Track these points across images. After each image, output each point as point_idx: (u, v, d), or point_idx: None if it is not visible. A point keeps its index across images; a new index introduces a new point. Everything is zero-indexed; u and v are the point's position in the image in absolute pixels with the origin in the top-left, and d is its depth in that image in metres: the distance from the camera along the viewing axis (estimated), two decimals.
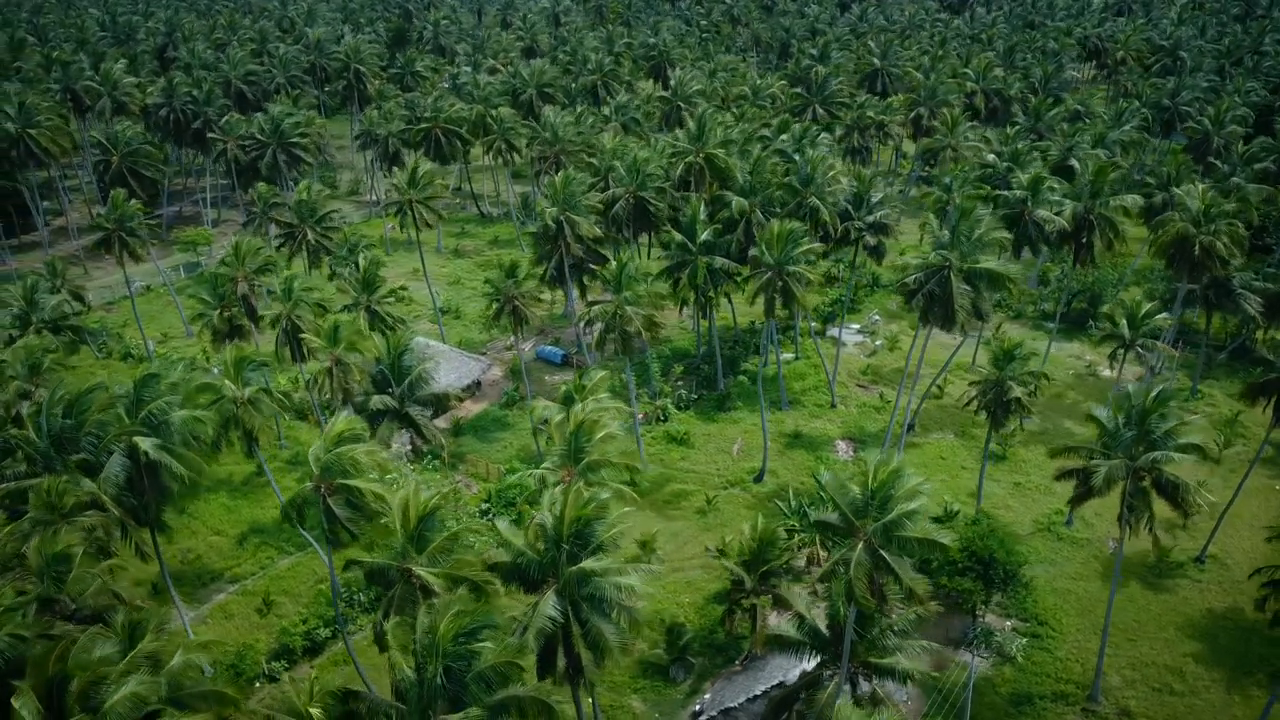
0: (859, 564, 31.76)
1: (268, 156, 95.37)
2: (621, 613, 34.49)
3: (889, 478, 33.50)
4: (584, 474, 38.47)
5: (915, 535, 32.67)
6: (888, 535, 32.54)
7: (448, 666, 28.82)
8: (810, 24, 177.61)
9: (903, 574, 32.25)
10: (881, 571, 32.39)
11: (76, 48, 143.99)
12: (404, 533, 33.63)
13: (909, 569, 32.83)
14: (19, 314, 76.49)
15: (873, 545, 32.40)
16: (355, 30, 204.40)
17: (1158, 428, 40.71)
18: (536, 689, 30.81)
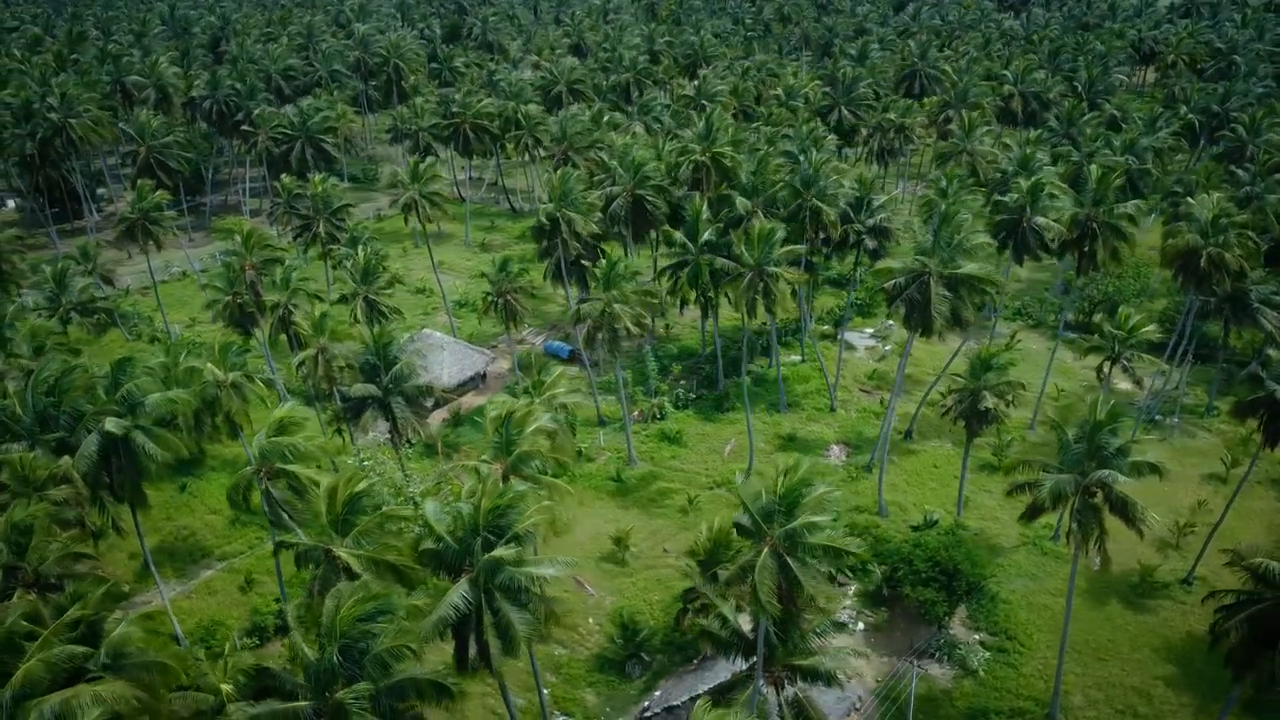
0: (764, 569, 31.70)
1: (296, 149, 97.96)
2: (539, 603, 34.97)
3: (797, 485, 33.35)
4: (515, 466, 38.99)
5: (821, 543, 32.47)
6: (794, 542, 32.40)
7: (345, 647, 29.63)
8: (859, 23, 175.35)
9: (805, 581, 32.04)
10: (788, 578, 32.25)
11: (135, 40, 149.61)
12: (329, 515, 34.59)
13: (815, 576, 32.61)
14: (49, 296, 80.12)
15: (779, 551, 32.29)
16: (409, 26, 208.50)
17: (1108, 444, 39.68)
18: (435, 672, 31.54)
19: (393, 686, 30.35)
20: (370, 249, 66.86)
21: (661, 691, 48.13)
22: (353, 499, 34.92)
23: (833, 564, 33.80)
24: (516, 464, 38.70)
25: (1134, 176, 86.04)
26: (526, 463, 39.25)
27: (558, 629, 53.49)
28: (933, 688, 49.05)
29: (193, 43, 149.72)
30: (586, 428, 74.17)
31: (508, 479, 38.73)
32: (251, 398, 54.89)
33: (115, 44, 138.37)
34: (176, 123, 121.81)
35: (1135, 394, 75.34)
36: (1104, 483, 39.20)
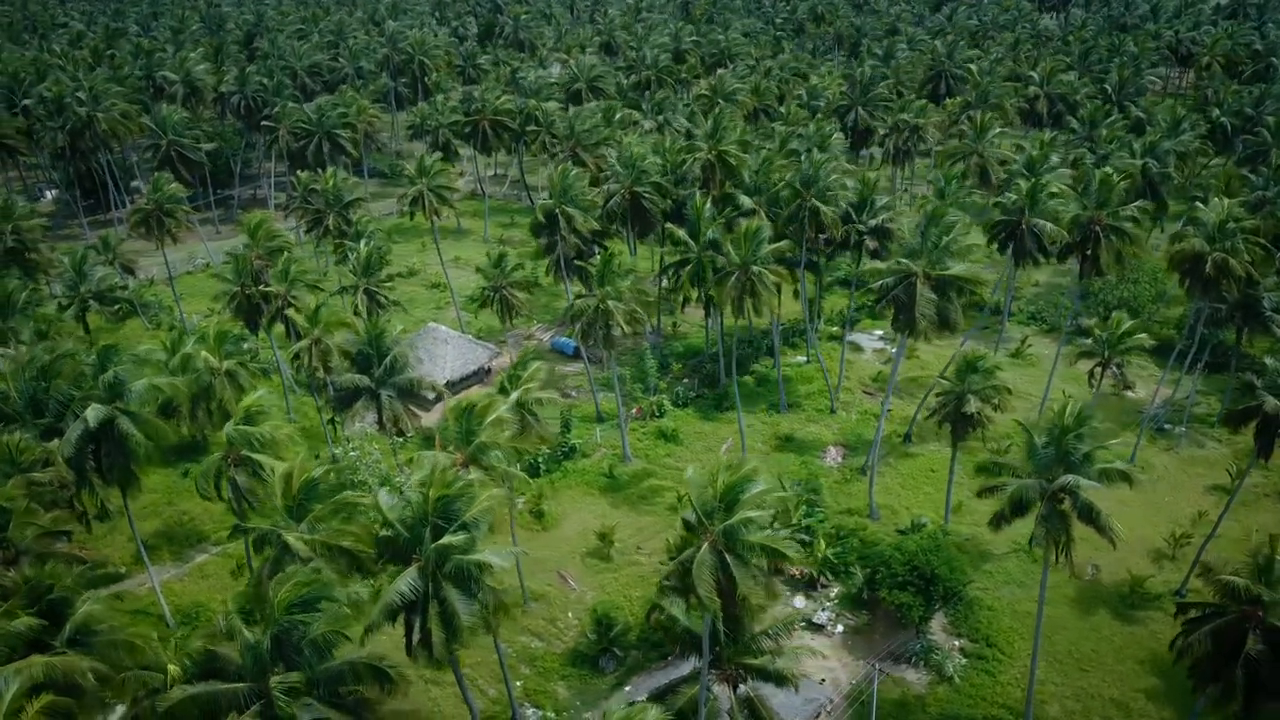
0: (701, 565, 31.64)
1: (313, 144, 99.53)
2: (488, 594, 35.26)
3: (737, 482, 33.25)
4: (474, 455, 39.28)
5: (758, 541, 32.32)
6: (732, 539, 32.30)
7: (282, 632, 30.15)
8: (891, 23, 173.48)
9: (741, 579, 31.90)
10: (727, 575, 32.13)
11: (172, 36, 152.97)
12: (284, 500, 35.17)
13: (754, 574, 32.46)
14: (69, 284, 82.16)
15: (717, 547, 32.21)
16: (444, 24, 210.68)
17: (1075, 449, 38.98)
18: (372, 656, 31.95)
19: (330, 671, 30.77)
20: (372, 243, 67.58)
21: (631, 687, 48.23)
22: (308, 485, 35.46)
23: (772, 563, 33.54)
24: (475, 454, 39.00)
25: (1154, 180, 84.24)
26: (485, 453, 39.52)
27: (536, 621, 54.63)
28: (906, 693, 48.53)
29: (227, 39, 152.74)
30: (586, 424, 74.56)
31: (468, 468, 39.02)
32: (250, 386, 55.85)
33: (152, 39, 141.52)
34: (206, 117, 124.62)
35: (1143, 401, 73.94)
36: (1070, 488, 38.46)
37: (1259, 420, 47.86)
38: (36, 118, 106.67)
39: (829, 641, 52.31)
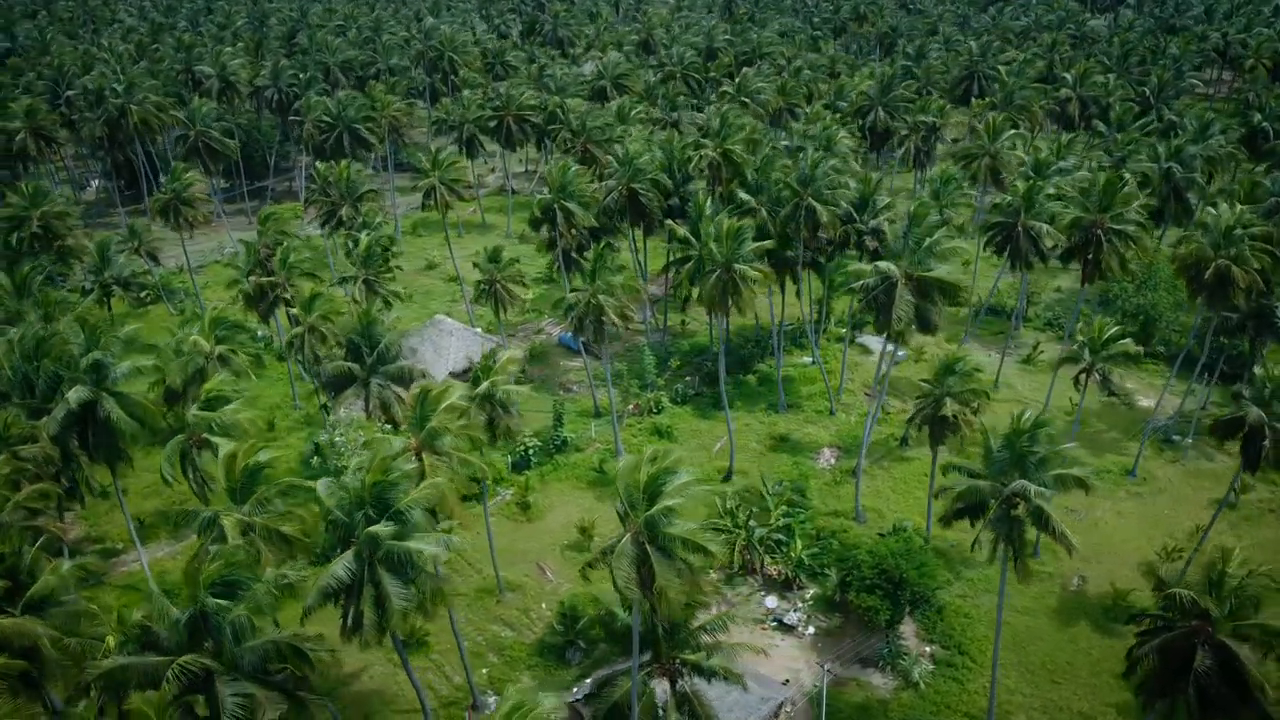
0: (620, 555, 31.70)
1: (333, 138, 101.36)
2: (426, 580, 35.72)
3: (659, 473, 33.22)
4: (426, 441, 39.76)
5: (677, 534, 32.26)
6: (654, 530, 32.28)
7: (204, 611, 30.97)
8: (933, 23, 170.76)
9: (660, 571, 31.84)
10: (648, 567, 32.12)
11: (218, 31, 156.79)
12: (227, 483, 36.02)
13: (675, 567, 32.39)
14: (92, 269, 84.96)
15: (639, 539, 32.22)
16: (487, 22, 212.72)
17: (1030, 454, 38.18)
18: (295, 636, 32.60)
19: (254, 649, 31.47)
20: (373, 235, 68.69)
21: (592, 679, 48.29)
22: (253, 469, 36.26)
23: (696, 557, 33.41)
24: (428, 440, 39.50)
25: (1179, 185, 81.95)
26: (437, 439, 39.98)
27: (510, 611, 55.11)
28: (870, 697, 48.00)
29: (270, 34, 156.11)
30: (585, 418, 74.91)
31: (420, 455, 39.54)
32: (243, 371, 57.15)
33: (197, 35, 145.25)
34: (242, 110, 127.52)
35: (1151, 411, 71.92)
36: (1023, 493, 37.70)
37: (1245, 432, 46.31)
38: (78, 109, 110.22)
39: (799, 642, 51.96)
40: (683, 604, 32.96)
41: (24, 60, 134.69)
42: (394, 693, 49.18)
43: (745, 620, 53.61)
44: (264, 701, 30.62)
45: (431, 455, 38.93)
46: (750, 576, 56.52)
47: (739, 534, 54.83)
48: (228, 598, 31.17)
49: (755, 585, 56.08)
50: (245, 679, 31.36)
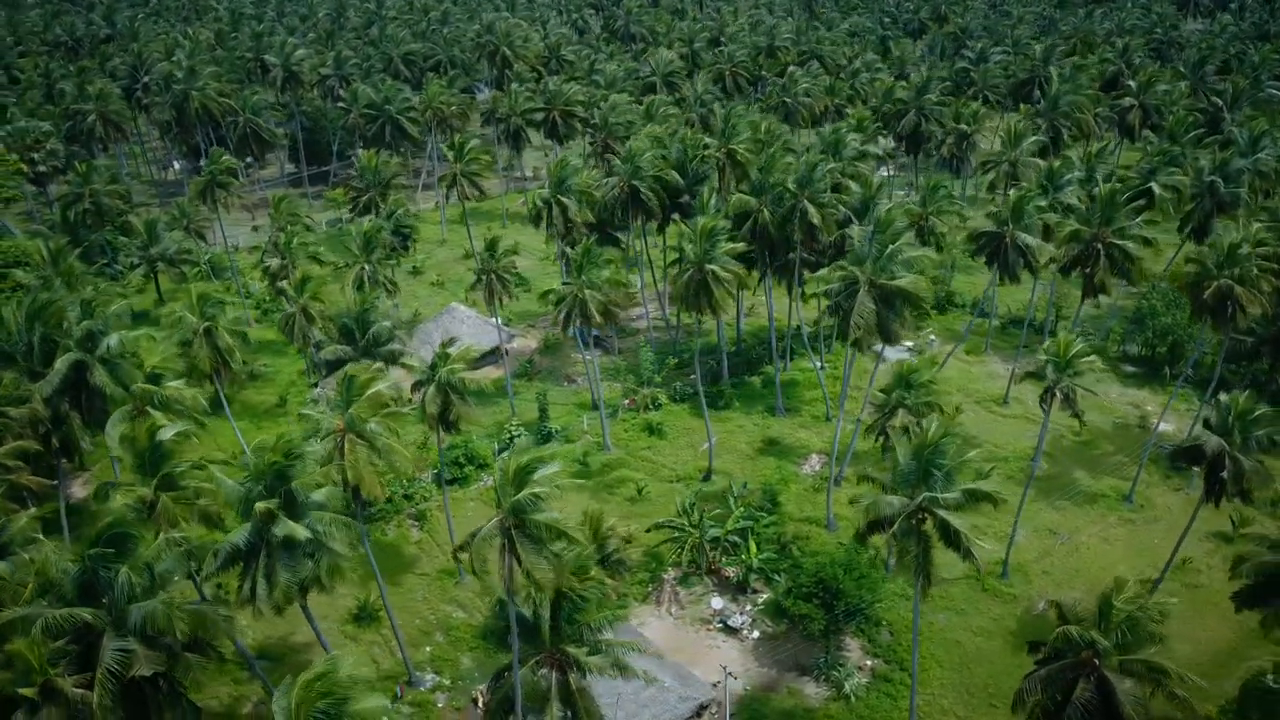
0: (486, 539, 32.45)
1: (377, 127, 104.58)
2: (325, 555, 37.17)
3: (529, 463, 33.74)
4: (350, 424, 41.04)
5: (542, 520, 32.80)
6: (520, 518, 32.87)
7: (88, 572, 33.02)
8: (1013, 24, 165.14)
9: (524, 557, 32.44)
10: (514, 553, 32.74)
11: (300, 22, 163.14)
12: (131, 457, 38.23)
13: (539, 553, 32.90)
14: (140, 246, 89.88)
15: (505, 524, 32.87)
16: (564, 16, 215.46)
17: (938, 467, 37.27)
18: (186, 602, 34.35)
19: (143, 611, 33.31)
20: (375, 223, 70.96)
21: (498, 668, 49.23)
22: (156, 445, 38.36)
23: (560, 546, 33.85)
24: (351, 423, 40.86)
25: (1224, 200, 77.80)
26: (359, 424, 41.24)
27: (466, 593, 56.41)
28: (799, 705, 47.55)
29: (345, 26, 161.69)
30: (584, 410, 75.74)
31: (344, 437, 40.94)
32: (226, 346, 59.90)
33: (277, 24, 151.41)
34: (307, 98, 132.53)
35: (1173, 436, 68.59)
36: (929, 507, 36.88)
37: (1208, 461, 44.10)
38: (151, 94, 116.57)
39: (741, 646, 51.74)
40: (553, 591, 33.44)
41: (115, 46, 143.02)
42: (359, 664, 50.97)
43: (692, 620, 53.79)
44: (141, 658, 32.38)
45: (355, 438, 40.24)
46: (708, 577, 56.49)
47: (691, 534, 54.78)
48: (116, 559, 33.05)
49: (710, 586, 56.03)
50: (132, 636, 33.21)
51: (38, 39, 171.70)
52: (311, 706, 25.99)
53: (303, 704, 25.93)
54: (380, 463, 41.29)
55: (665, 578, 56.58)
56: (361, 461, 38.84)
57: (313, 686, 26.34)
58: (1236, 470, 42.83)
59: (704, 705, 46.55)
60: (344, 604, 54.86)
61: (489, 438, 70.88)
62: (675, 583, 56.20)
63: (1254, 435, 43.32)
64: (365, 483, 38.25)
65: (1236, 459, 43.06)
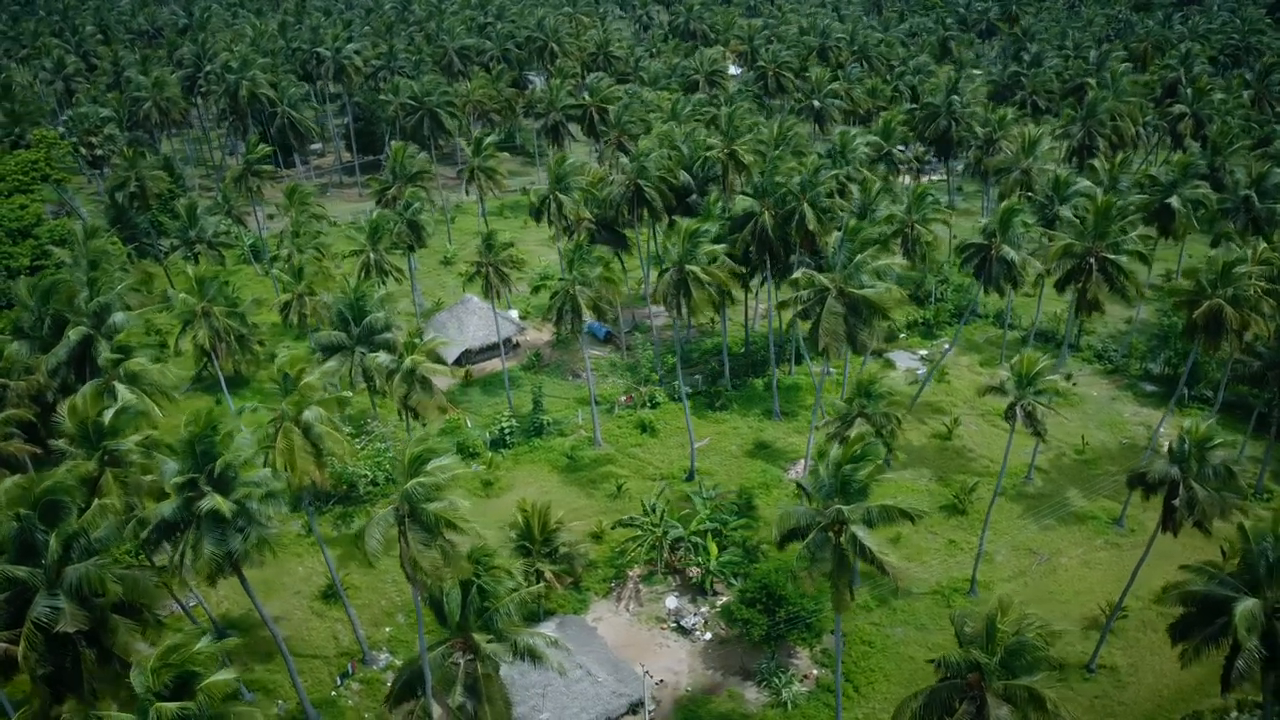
0: (378, 523, 33.55)
1: (415, 120, 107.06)
2: (254, 530, 38.89)
3: (422, 453, 34.59)
4: (288, 411, 42.54)
5: (433, 509, 33.65)
6: (412, 505, 33.81)
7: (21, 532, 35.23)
8: (1081, 26, 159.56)
9: (411, 543, 33.39)
10: (405, 539, 33.75)
11: (364, 16, 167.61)
12: (78, 429, 40.65)
13: (428, 541, 33.79)
14: (180, 229, 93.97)
15: (400, 511, 33.87)
16: (629, 12, 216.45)
17: (853, 480, 36.94)
18: (119, 565, 36.31)
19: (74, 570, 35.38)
20: (381, 214, 73.05)
21: None
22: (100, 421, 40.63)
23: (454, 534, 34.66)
24: (286, 410, 42.35)
25: (1259, 217, 74.50)
26: (302, 409, 42.72)
27: None
28: (735, 709, 47.61)
29: (409, 19, 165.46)
30: (583, 405, 76.61)
31: (281, 420, 42.57)
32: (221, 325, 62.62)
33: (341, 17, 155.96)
34: (362, 89, 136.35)
35: None
36: (841, 520, 36.62)
37: (1166, 488, 42.65)
38: (210, 83, 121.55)
39: (691, 647, 51.95)
40: (447, 578, 34.36)
41: (188, 36, 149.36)
42: (301, 636, 53.08)
43: (648, 618, 54.20)
44: (69, 615, 34.43)
45: (290, 425, 41.75)
46: (672, 577, 56.81)
47: (653, 532, 55.16)
48: (50, 524, 35.19)
49: (672, 585, 56.34)
50: (65, 595, 35.31)
51: (124, 27, 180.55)
52: (165, 677, 27.37)
53: (158, 673, 27.33)
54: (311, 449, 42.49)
55: (630, 575, 57.08)
56: (296, 447, 40.32)
57: (168, 658, 27.75)
58: (1190, 499, 41.29)
59: (639, 703, 46.98)
60: (319, 582, 56.93)
61: (483, 428, 72.37)
62: (639, 580, 56.67)
63: (1211, 464, 41.68)
64: (296, 468, 39.76)
65: (1192, 487, 41.51)
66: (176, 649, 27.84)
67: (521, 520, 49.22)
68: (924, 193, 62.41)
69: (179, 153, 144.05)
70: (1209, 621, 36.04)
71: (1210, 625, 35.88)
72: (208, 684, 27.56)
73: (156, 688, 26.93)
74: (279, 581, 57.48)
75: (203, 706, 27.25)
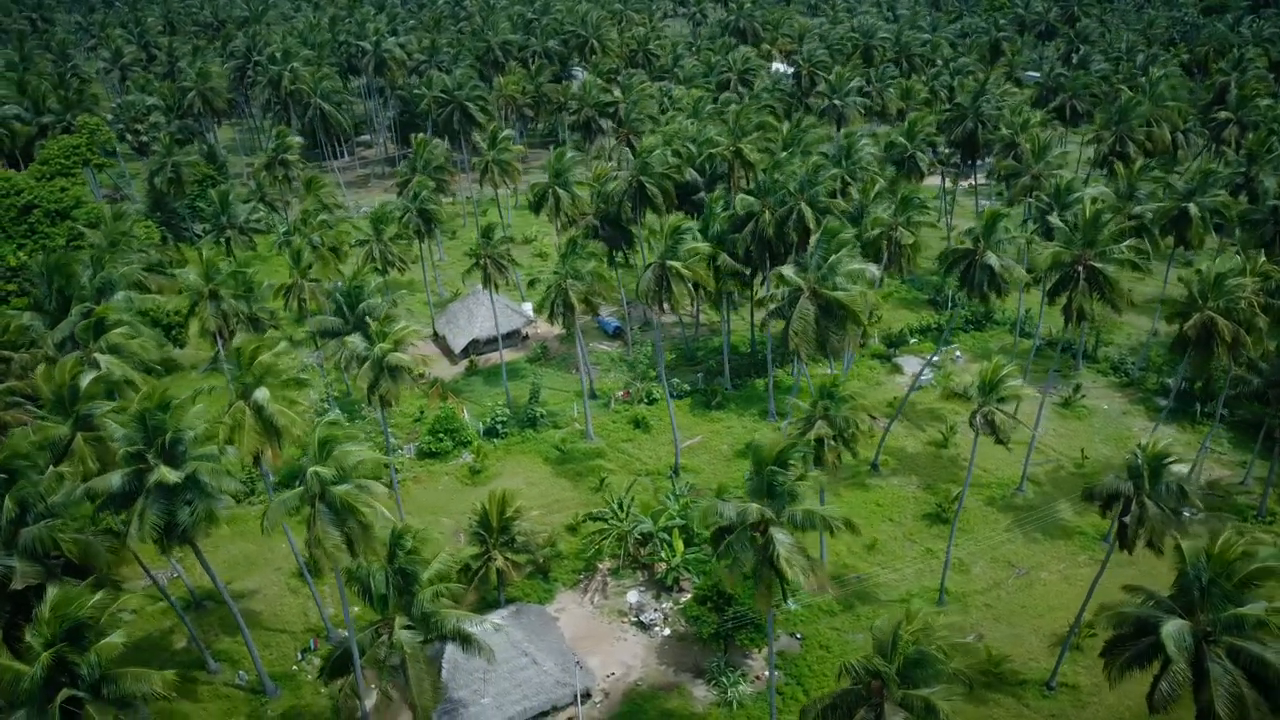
0: (283, 502, 34.58)
1: (446, 113, 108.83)
2: (202, 502, 40.40)
3: (330, 437, 35.45)
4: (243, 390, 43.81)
5: (339, 493, 34.49)
6: (323, 490, 34.70)
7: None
8: (1143, 29, 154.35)
9: (317, 524, 34.29)
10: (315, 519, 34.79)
11: (417, 8, 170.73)
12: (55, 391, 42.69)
13: (335, 524, 34.62)
14: (213, 215, 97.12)
15: (310, 493, 34.79)
16: (685, 8, 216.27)
17: (780, 484, 36.73)
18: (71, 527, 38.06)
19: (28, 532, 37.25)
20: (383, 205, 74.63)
21: None
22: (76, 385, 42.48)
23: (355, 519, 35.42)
24: (244, 390, 43.65)
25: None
26: (248, 389, 43.92)
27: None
28: (682, 706, 47.67)
29: (459, 14, 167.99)
30: (580, 398, 77.21)
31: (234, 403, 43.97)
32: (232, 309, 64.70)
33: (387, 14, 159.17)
34: (404, 83, 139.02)
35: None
36: (764, 522, 36.49)
37: (1121, 503, 41.51)
38: (256, 74, 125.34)
39: (649, 642, 52.11)
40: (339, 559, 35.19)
41: (244, 29, 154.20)
42: (274, 611, 54.77)
43: (611, 611, 54.52)
44: (19, 573, 36.31)
45: (243, 405, 43.04)
46: (640, 571, 57.06)
47: (618, 526, 55.47)
48: (9, 487, 37.11)
49: (640, 580, 56.58)
50: (18, 554, 37.22)
51: (191, 20, 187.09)
52: (58, 627, 28.77)
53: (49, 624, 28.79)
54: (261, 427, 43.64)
55: (600, 568, 57.49)
56: (244, 425, 41.62)
57: (60, 609, 29.14)
58: (1140, 516, 40.09)
59: (585, 694, 47.39)
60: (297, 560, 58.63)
61: (480, 418, 73.47)
62: (608, 574, 57.05)
63: (1164, 482, 40.40)
64: (244, 446, 41.10)
65: (1144, 504, 40.29)
66: (70, 600, 29.21)
67: (480, 509, 49.95)
68: (910, 196, 61.35)
69: (232, 141, 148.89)
70: (1137, 640, 34.98)
71: (1137, 644, 34.82)
72: (99, 645, 28.85)
73: (47, 637, 28.34)
74: (261, 557, 59.35)
75: (92, 664, 28.57)
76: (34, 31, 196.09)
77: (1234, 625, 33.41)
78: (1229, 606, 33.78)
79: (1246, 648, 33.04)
